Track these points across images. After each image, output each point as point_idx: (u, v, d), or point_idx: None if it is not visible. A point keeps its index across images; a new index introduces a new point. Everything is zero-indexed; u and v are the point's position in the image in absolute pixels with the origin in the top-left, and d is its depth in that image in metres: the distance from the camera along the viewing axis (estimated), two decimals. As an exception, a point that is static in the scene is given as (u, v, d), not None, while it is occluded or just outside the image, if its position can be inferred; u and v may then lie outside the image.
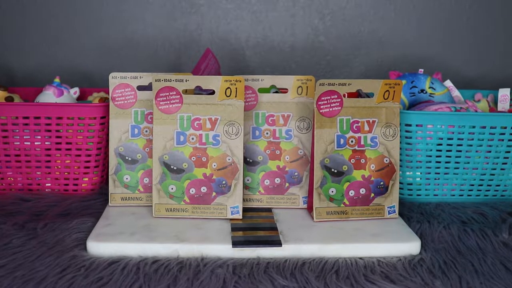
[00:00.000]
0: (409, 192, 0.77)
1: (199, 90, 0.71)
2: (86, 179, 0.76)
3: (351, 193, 0.67)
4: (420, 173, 0.75)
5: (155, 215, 0.66)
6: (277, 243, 0.59)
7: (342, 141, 0.67)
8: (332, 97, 0.65)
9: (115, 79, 0.70)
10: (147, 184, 0.71)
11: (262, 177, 0.71)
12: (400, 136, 0.73)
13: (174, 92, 0.65)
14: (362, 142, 0.67)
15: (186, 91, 0.68)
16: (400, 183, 0.76)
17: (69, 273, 0.54)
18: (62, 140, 0.74)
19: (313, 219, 0.66)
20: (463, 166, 0.75)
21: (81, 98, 0.89)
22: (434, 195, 0.77)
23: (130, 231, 0.61)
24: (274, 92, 0.73)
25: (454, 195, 0.77)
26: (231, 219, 0.66)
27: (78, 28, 1.04)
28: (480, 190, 0.77)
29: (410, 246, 0.60)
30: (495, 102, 0.92)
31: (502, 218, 0.70)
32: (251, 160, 0.71)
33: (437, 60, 1.08)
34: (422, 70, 0.87)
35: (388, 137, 0.68)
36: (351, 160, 0.67)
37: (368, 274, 0.55)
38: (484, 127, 0.73)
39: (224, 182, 0.66)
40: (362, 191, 0.67)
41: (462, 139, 0.73)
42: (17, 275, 0.53)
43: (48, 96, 0.80)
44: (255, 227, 0.64)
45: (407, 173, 0.76)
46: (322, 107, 0.65)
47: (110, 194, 0.70)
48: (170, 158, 0.66)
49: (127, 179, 0.71)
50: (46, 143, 0.74)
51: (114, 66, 1.03)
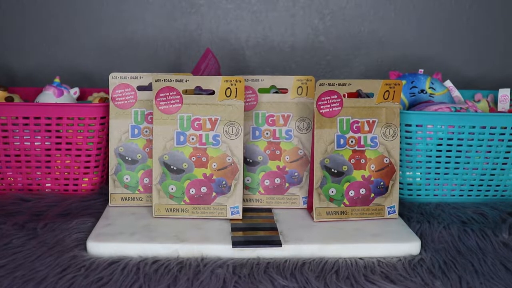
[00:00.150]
0: (409, 192, 0.77)
1: (199, 90, 0.71)
2: (86, 179, 0.76)
3: (351, 193, 0.67)
4: (420, 173, 0.75)
5: (155, 215, 0.66)
6: (277, 243, 0.59)
7: (342, 141, 0.67)
8: (332, 97, 0.65)
9: (115, 79, 0.70)
10: (147, 184, 0.71)
11: (262, 177, 0.71)
12: (400, 136, 0.73)
13: (174, 92, 0.65)
14: (362, 142, 0.67)
15: (186, 91, 0.68)
16: (400, 183, 0.76)
17: (69, 273, 0.54)
18: (62, 140, 0.74)
19: (313, 219, 0.66)
20: (463, 166, 0.75)
21: (81, 98, 0.89)
22: (434, 195, 0.77)
23: (130, 231, 0.61)
24: (274, 92, 0.73)
25: (454, 195, 0.77)
26: (231, 219, 0.66)
27: (78, 28, 1.04)
28: (480, 190, 0.77)
29: (410, 246, 0.60)
30: (495, 102, 0.92)
31: (502, 218, 0.70)
32: (251, 160, 0.71)
33: (437, 60, 1.08)
34: (422, 70, 0.87)
35: (388, 137, 0.68)
36: (351, 160, 0.67)
37: (368, 274, 0.55)
38: (484, 127, 0.73)
39: (224, 182, 0.66)
40: (362, 191, 0.67)
41: (462, 139, 0.73)
42: (17, 275, 0.53)
43: (48, 96, 0.80)
44: (255, 227, 0.64)
45: (407, 173, 0.76)
46: (322, 107, 0.65)
47: (110, 194, 0.70)
48: (170, 158, 0.66)
49: (127, 179, 0.71)
50: (46, 143, 0.74)
51: (114, 66, 1.03)
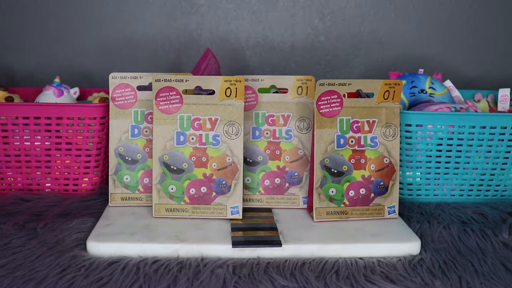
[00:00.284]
0: (409, 192, 0.77)
1: (199, 90, 0.71)
2: (86, 179, 0.76)
3: (351, 193, 0.67)
4: (420, 173, 0.75)
5: (155, 215, 0.66)
6: (277, 243, 0.59)
7: (342, 141, 0.67)
8: (332, 97, 0.65)
9: (115, 79, 0.70)
10: (147, 184, 0.71)
11: (262, 177, 0.71)
12: (400, 136, 0.73)
13: (174, 92, 0.65)
14: (362, 142, 0.67)
15: (186, 91, 0.68)
16: (400, 183, 0.76)
17: (69, 273, 0.54)
18: (62, 140, 0.74)
19: (313, 219, 0.66)
20: (463, 166, 0.75)
21: (81, 98, 0.89)
22: (434, 195, 0.77)
23: (130, 231, 0.61)
24: (274, 92, 0.73)
25: (454, 195, 0.77)
26: (231, 219, 0.66)
27: (78, 28, 1.04)
28: (480, 190, 0.77)
29: (410, 246, 0.60)
30: (495, 102, 0.92)
31: (502, 218, 0.70)
32: (251, 160, 0.71)
33: (437, 60, 1.08)
34: (422, 70, 0.87)
35: (388, 137, 0.68)
36: (351, 160, 0.67)
37: (368, 274, 0.55)
38: (484, 127, 0.73)
39: (224, 182, 0.66)
40: (362, 191, 0.67)
41: (462, 139, 0.73)
42: (17, 275, 0.53)
43: (48, 96, 0.80)
44: (255, 227, 0.64)
45: (407, 173, 0.76)
46: (322, 107, 0.65)
47: (110, 194, 0.70)
48: (170, 158, 0.66)
49: (127, 179, 0.70)
50: (46, 143, 0.74)
51: (114, 66, 1.03)
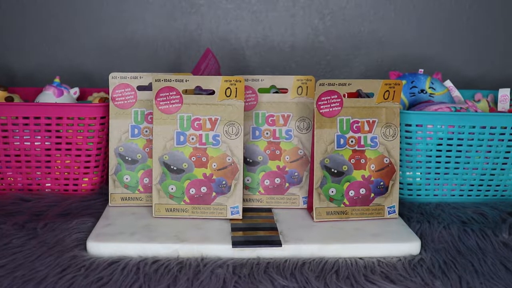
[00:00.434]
0: (409, 192, 0.77)
1: (199, 90, 0.71)
2: (86, 179, 0.76)
3: (351, 193, 0.67)
4: (420, 173, 0.75)
5: (155, 215, 0.66)
6: (277, 243, 0.59)
7: (342, 141, 0.67)
8: (332, 97, 0.65)
9: (115, 79, 0.70)
10: (147, 184, 0.71)
11: (262, 177, 0.71)
12: (400, 136, 0.73)
13: (174, 92, 0.65)
14: (362, 142, 0.67)
15: (186, 91, 0.68)
16: (400, 183, 0.76)
17: (69, 273, 0.54)
18: (62, 140, 0.74)
19: (313, 219, 0.66)
20: (463, 166, 0.75)
21: (81, 98, 0.89)
22: (434, 195, 0.77)
23: (130, 231, 0.61)
24: (274, 92, 0.73)
25: (454, 195, 0.77)
26: (231, 219, 0.66)
27: (78, 28, 1.04)
28: (480, 190, 0.77)
29: (410, 246, 0.60)
30: (495, 102, 0.92)
31: (502, 218, 0.70)
32: (251, 160, 0.71)
33: (437, 60, 1.08)
34: (422, 70, 0.87)
35: (388, 137, 0.68)
36: (351, 160, 0.67)
37: (368, 274, 0.55)
38: (484, 127, 0.73)
39: (224, 182, 0.66)
40: (362, 191, 0.67)
41: (462, 139, 0.73)
42: (17, 275, 0.53)
43: (48, 96, 0.80)
44: (255, 227, 0.64)
45: (407, 173, 0.76)
46: (322, 107, 0.65)
47: (110, 194, 0.70)
48: (170, 158, 0.66)
49: (127, 179, 0.71)
50: (46, 143, 0.74)
51: (114, 66, 1.03)
